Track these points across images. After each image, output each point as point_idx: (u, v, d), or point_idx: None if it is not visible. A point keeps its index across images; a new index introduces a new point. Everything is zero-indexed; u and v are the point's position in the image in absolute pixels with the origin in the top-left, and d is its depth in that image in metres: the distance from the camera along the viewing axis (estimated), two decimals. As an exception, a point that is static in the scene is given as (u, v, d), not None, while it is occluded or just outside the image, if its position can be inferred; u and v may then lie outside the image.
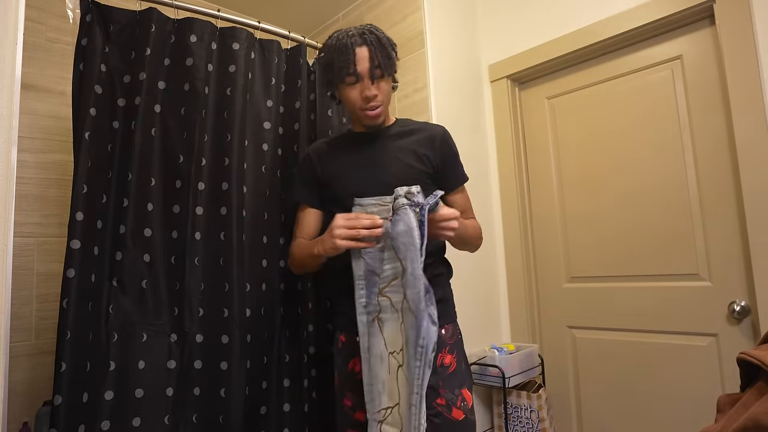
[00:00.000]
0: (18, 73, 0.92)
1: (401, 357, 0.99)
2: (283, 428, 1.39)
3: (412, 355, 0.96)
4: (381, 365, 1.01)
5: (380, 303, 1.03)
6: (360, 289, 1.05)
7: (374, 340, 1.02)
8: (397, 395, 0.99)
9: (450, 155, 1.23)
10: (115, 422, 1.14)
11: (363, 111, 1.15)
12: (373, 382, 1.01)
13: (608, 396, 1.70)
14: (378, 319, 1.02)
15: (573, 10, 1.79)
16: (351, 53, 1.10)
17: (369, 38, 1.11)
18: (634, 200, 1.67)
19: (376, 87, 1.13)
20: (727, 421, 0.59)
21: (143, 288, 1.24)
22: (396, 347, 1.00)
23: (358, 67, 1.10)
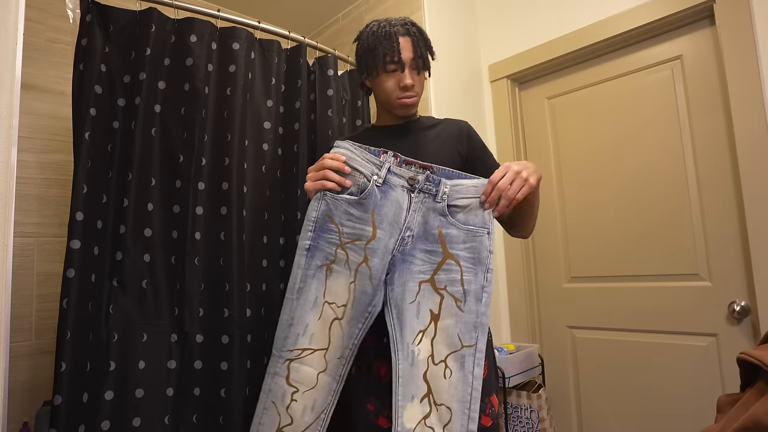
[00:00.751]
0: (18, 73, 0.92)
1: (341, 312, 1.01)
2: (283, 428, 1.39)
3: (357, 317, 0.99)
4: (312, 309, 1.01)
5: (337, 254, 1.03)
6: (308, 230, 1.03)
7: (314, 284, 1.02)
8: (327, 342, 1.01)
9: (477, 148, 1.22)
10: (115, 422, 1.14)
11: (399, 99, 1.14)
12: (293, 323, 1.01)
13: (608, 396, 1.70)
14: (329, 268, 1.03)
15: (573, 10, 1.79)
16: (395, 41, 1.10)
17: (412, 30, 1.13)
18: (634, 200, 1.67)
19: (414, 77, 1.13)
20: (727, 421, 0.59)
21: (143, 288, 1.24)
22: (337, 300, 1.01)
23: (402, 56, 1.10)
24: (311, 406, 0.99)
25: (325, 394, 0.99)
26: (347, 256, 1.02)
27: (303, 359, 1.00)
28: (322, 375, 1.00)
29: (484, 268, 1.01)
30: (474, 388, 0.96)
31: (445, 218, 1.02)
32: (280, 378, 1.00)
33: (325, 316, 1.02)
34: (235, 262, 1.32)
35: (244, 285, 1.35)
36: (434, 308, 1.00)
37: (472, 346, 0.98)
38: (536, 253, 1.94)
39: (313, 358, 1.00)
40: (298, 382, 0.99)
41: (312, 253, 1.03)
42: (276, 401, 0.99)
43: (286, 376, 1.00)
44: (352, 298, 1.01)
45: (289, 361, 1.00)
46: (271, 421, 0.99)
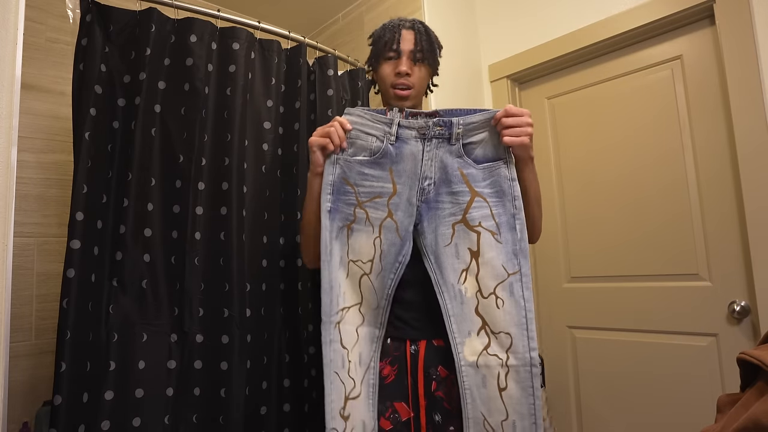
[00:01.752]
0: (18, 73, 0.92)
1: (368, 267, 1.04)
2: (284, 428, 1.39)
3: (387, 269, 1.03)
4: (339, 269, 1.05)
5: (356, 214, 1.05)
6: (327, 193, 1.05)
7: (337, 245, 1.05)
8: (359, 297, 1.04)
9: None
10: (115, 422, 1.14)
11: (393, 89, 1.15)
12: (332, 285, 1.03)
13: (608, 396, 1.70)
14: (349, 228, 1.06)
15: (573, 10, 1.79)
16: (398, 32, 1.15)
17: (417, 26, 1.17)
18: (634, 200, 1.67)
19: (411, 67, 1.14)
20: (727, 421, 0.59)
21: (143, 288, 1.24)
22: (362, 257, 1.04)
23: (401, 46, 1.14)
24: (359, 361, 1.02)
25: (368, 343, 1.03)
26: (367, 214, 1.05)
27: (346, 319, 1.03)
28: (360, 328, 1.04)
29: (510, 197, 1.02)
30: (527, 309, 0.99)
31: (462, 159, 1.03)
32: (335, 344, 1.02)
33: (353, 274, 1.05)
34: (235, 262, 1.32)
35: (244, 285, 1.35)
36: (472, 246, 1.02)
37: (516, 272, 1.01)
38: (536, 253, 1.94)
39: (351, 314, 1.04)
40: (348, 342, 1.02)
41: (333, 215, 1.06)
42: (337, 370, 1.00)
43: (339, 340, 1.02)
44: (378, 252, 1.04)
45: (338, 324, 1.03)
46: (338, 392, 1.00)
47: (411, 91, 1.16)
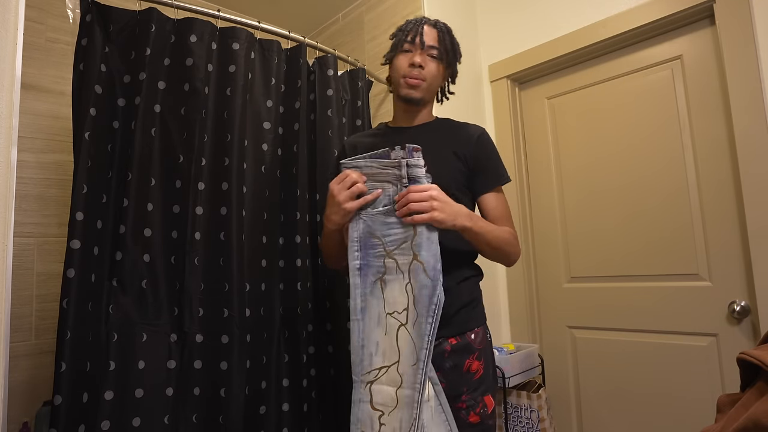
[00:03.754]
0: (18, 73, 0.92)
1: (404, 316, 1.00)
2: (283, 428, 1.39)
3: (423, 314, 0.97)
4: (377, 326, 1.02)
5: (386, 264, 1.03)
6: (354, 251, 1.05)
7: (374, 301, 1.03)
8: (397, 354, 0.99)
9: (484, 156, 1.18)
10: (115, 422, 1.14)
11: (404, 78, 1.14)
12: (365, 344, 1.01)
13: (608, 396, 1.70)
14: (382, 281, 1.03)
15: (573, 10, 1.79)
16: (420, 27, 1.15)
17: (440, 25, 1.17)
18: (633, 200, 1.67)
19: (426, 61, 1.13)
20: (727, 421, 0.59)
21: (143, 288, 1.24)
22: (397, 307, 1.01)
23: (422, 38, 1.13)
24: (399, 427, 0.97)
25: (409, 409, 0.97)
26: (396, 262, 1.02)
27: (381, 379, 1.00)
28: (399, 391, 0.99)
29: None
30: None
31: None
32: (364, 404, 1.00)
33: (390, 328, 1.01)
34: (235, 262, 1.32)
35: (244, 285, 1.35)
36: None
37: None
38: (536, 253, 1.94)
39: (389, 375, 1.00)
40: (381, 404, 0.99)
41: (364, 272, 1.04)
42: (365, 429, 0.99)
43: (369, 401, 0.99)
44: (411, 298, 1.00)
45: (370, 384, 1.00)
46: None
47: (423, 83, 1.14)
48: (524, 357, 1.70)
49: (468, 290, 1.15)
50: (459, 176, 1.15)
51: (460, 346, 1.09)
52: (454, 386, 1.07)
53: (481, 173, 1.17)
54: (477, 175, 1.17)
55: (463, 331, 1.10)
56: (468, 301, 1.14)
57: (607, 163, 1.74)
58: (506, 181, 1.20)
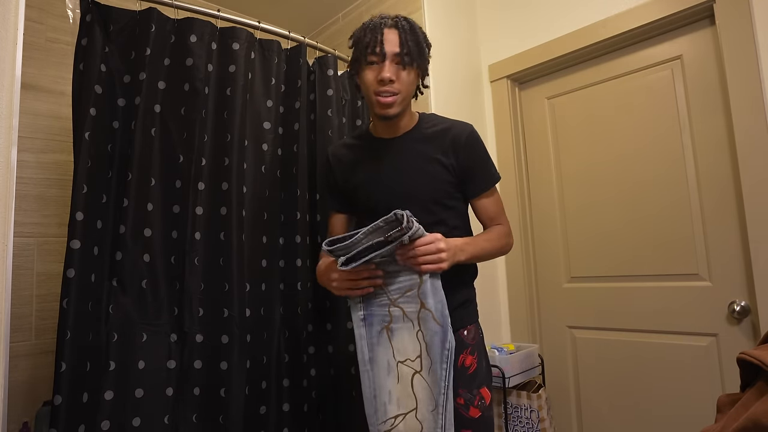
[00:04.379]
0: (18, 73, 0.92)
1: (418, 364, 1.00)
2: (283, 428, 1.38)
3: (437, 361, 0.98)
4: (388, 375, 1.02)
5: (392, 313, 1.03)
6: (357, 302, 1.06)
7: (381, 350, 1.03)
8: (414, 401, 0.99)
9: (475, 157, 1.14)
10: (115, 422, 1.14)
11: (376, 96, 1.07)
12: (377, 393, 1.01)
13: (608, 396, 1.70)
14: (388, 330, 1.03)
15: (573, 10, 1.79)
16: (379, 33, 1.05)
17: (401, 23, 1.07)
18: (634, 200, 1.67)
19: (395, 72, 1.05)
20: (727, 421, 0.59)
21: (143, 288, 1.24)
22: (409, 355, 1.01)
23: (385, 47, 1.04)
24: None
25: None
26: (402, 310, 1.03)
27: (398, 427, 0.99)
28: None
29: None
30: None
31: None
32: None
33: (404, 376, 1.01)
34: (235, 262, 1.32)
35: (244, 285, 1.35)
36: None
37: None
38: (536, 253, 1.94)
39: (406, 422, 0.99)
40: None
41: (369, 321, 1.05)
42: None
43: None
44: (424, 345, 1.00)
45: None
46: None
47: (396, 98, 1.07)
48: (524, 357, 1.70)
49: (463, 290, 1.16)
50: (448, 186, 1.14)
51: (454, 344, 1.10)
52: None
53: (472, 177, 1.16)
54: (468, 179, 1.16)
55: (456, 329, 1.11)
56: (462, 300, 1.15)
57: (607, 164, 1.74)
58: (497, 180, 1.20)
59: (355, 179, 1.20)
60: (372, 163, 1.18)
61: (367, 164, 1.19)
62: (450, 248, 1.01)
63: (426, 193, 1.10)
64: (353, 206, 1.25)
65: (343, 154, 1.25)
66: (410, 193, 1.11)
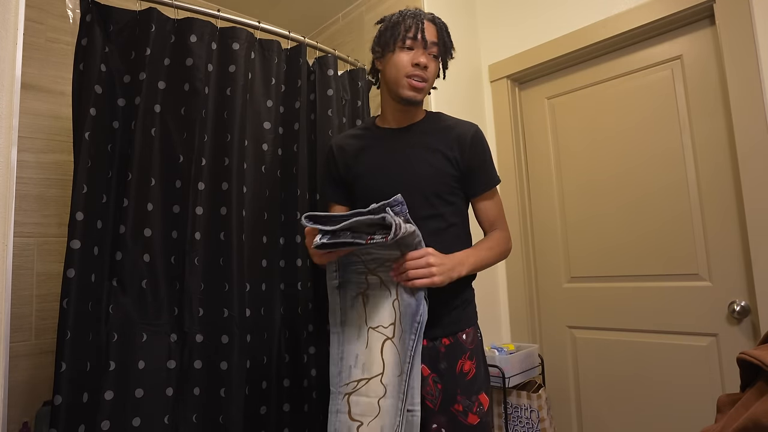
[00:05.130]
0: (18, 73, 0.92)
1: (391, 330, 1.02)
2: (283, 428, 1.39)
3: (407, 330, 1.01)
4: (357, 340, 1.03)
5: (368, 280, 1.05)
6: (332, 270, 1.06)
7: (354, 314, 1.05)
8: (381, 366, 1.01)
9: (478, 158, 1.16)
10: (115, 422, 1.14)
11: (408, 78, 1.10)
12: (343, 356, 1.03)
13: (608, 396, 1.70)
14: (363, 296, 1.05)
15: (573, 10, 1.79)
16: (420, 21, 1.11)
17: (438, 21, 1.15)
18: (634, 200, 1.67)
19: (429, 61, 1.11)
20: (727, 421, 0.59)
21: (143, 288, 1.24)
22: (383, 322, 1.03)
23: (424, 35, 1.10)
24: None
25: (391, 416, 0.98)
26: (380, 278, 1.04)
27: (360, 390, 1.00)
28: (383, 400, 0.99)
29: None
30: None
31: None
32: (342, 415, 1.00)
33: (373, 342, 1.02)
34: (235, 262, 1.32)
35: (244, 285, 1.35)
36: None
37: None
38: (536, 253, 1.94)
39: (370, 386, 1.00)
40: (360, 414, 0.99)
41: (344, 287, 1.06)
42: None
43: (347, 412, 1.00)
44: (398, 314, 1.02)
45: (348, 396, 1.01)
46: None
47: (426, 84, 1.12)
48: (524, 357, 1.70)
49: (461, 292, 1.15)
50: (450, 180, 1.14)
51: (452, 346, 1.11)
52: (449, 388, 1.08)
53: (474, 176, 1.16)
54: (470, 177, 1.16)
55: (454, 332, 1.11)
56: (460, 302, 1.14)
57: (607, 164, 1.74)
58: (497, 183, 1.21)
59: (357, 168, 1.20)
60: (375, 152, 1.19)
61: (371, 153, 1.19)
62: (444, 263, 1.01)
63: (427, 185, 1.11)
64: (351, 197, 1.24)
65: (347, 143, 1.25)
66: (412, 183, 1.12)
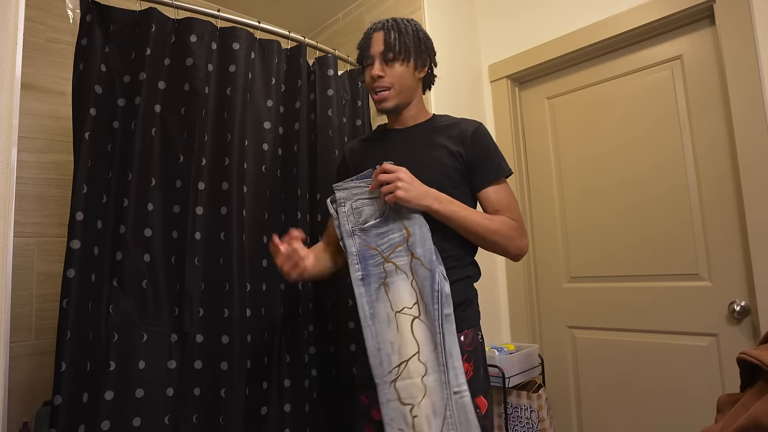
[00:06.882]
0: (18, 73, 0.92)
1: (416, 309, 1.05)
2: (284, 429, 1.38)
3: (429, 302, 1.04)
4: (388, 328, 1.06)
5: (386, 269, 1.09)
6: (354, 264, 1.10)
7: (380, 305, 1.07)
8: (415, 345, 1.03)
9: (481, 151, 1.16)
10: (115, 422, 1.14)
11: (372, 93, 1.17)
12: (380, 347, 1.05)
13: (608, 396, 1.70)
14: (385, 285, 1.08)
15: (573, 10, 1.79)
16: (369, 38, 1.16)
17: (388, 24, 1.17)
18: (634, 200, 1.67)
19: (385, 69, 1.14)
20: (727, 421, 0.59)
21: (143, 288, 1.24)
22: (406, 303, 1.06)
23: (371, 50, 1.15)
24: (433, 412, 1.00)
25: (438, 392, 1.01)
26: (395, 264, 1.08)
27: (402, 374, 1.03)
28: (426, 378, 1.01)
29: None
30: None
31: None
32: (393, 402, 1.02)
33: (402, 325, 1.05)
34: (235, 262, 1.32)
35: (244, 285, 1.35)
36: None
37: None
38: (536, 253, 1.94)
39: (410, 368, 1.02)
40: (409, 398, 1.01)
41: (367, 281, 1.09)
42: (401, 426, 1.01)
43: (397, 399, 1.02)
44: (418, 291, 1.06)
45: (393, 383, 1.03)
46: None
47: (389, 92, 1.15)
48: (524, 357, 1.70)
49: (461, 291, 1.14)
50: (453, 173, 1.15)
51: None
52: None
53: (478, 169, 1.16)
54: (474, 171, 1.16)
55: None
56: (460, 302, 1.13)
57: (607, 164, 1.74)
58: (506, 173, 1.18)
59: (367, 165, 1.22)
60: (383, 150, 1.23)
61: (379, 152, 1.23)
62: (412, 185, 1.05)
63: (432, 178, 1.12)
64: None
65: (358, 147, 1.30)
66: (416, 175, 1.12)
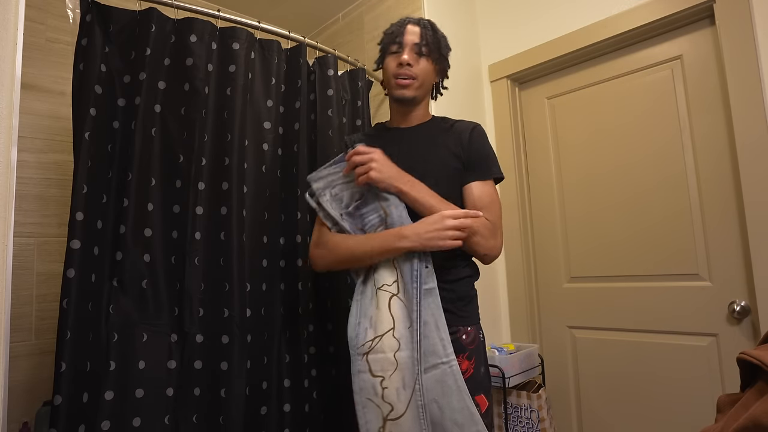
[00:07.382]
0: (18, 73, 0.92)
1: (395, 287, 1.08)
2: (284, 429, 1.38)
3: (408, 281, 1.06)
4: (370, 303, 1.09)
5: None
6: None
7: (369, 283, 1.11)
8: (390, 321, 1.06)
9: (475, 150, 1.18)
10: (115, 422, 1.14)
11: (395, 79, 1.16)
12: (360, 320, 1.08)
13: (608, 396, 1.70)
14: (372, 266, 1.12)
15: (573, 10, 1.79)
16: (403, 27, 1.18)
17: (424, 22, 1.19)
18: (634, 200, 1.67)
19: (415, 60, 1.15)
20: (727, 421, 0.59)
21: (143, 288, 1.24)
22: (387, 281, 1.08)
23: (405, 38, 1.16)
24: (402, 385, 1.02)
25: (409, 368, 1.02)
26: None
27: (375, 348, 1.05)
28: (398, 353, 1.04)
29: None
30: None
31: None
32: (364, 374, 1.04)
33: (381, 300, 1.08)
34: (235, 262, 1.32)
35: (244, 285, 1.35)
36: None
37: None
38: (536, 253, 1.94)
39: (384, 342, 1.05)
40: (380, 371, 1.03)
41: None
42: (370, 396, 1.03)
43: (368, 370, 1.04)
44: (398, 271, 1.08)
45: (365, 355, 1.05)
46: (375, 415, 1.02)
47: (414, 82, 1.15)
48: (524, 357, 1.70)
49: (461, 289, 1.15)
50: (455, 174, 1.15)
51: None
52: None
53: (470, 166, 1.17)
54: (466, 168, 1.17)
55: (453, 331, 1.10)
56: (459, 299, 1.14)
57: (607, 164, 1.74)
58: (495, 175, 1.18)
59: None
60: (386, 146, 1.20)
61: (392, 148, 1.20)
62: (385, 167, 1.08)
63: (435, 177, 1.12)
64: None
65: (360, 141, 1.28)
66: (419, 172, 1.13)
